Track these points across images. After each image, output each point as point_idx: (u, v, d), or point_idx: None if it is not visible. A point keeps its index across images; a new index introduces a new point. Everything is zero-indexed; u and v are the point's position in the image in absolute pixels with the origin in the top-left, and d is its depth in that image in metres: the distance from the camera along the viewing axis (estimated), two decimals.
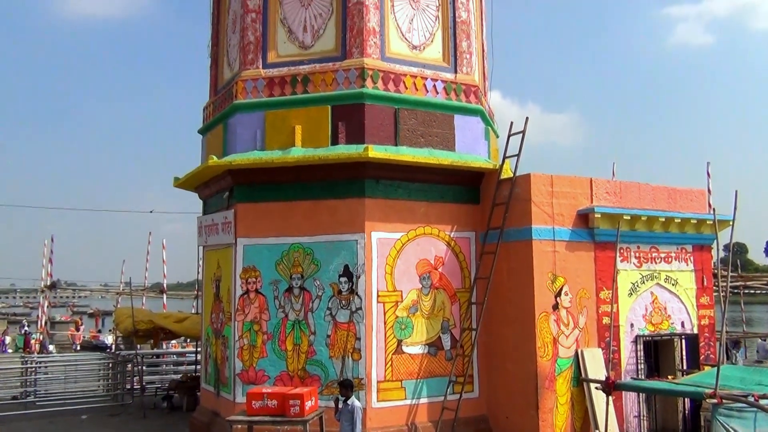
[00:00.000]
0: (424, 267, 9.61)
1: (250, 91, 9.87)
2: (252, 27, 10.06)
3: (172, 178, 11.56)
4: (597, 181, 9.99)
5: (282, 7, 10.13)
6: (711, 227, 10.56)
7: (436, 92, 9.92)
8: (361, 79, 9.39)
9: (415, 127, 9.68)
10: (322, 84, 9.57)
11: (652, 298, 10.29)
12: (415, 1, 10.18)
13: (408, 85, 9.73)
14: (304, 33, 9.98)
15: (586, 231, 9.69)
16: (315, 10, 9.97)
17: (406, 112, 9.64)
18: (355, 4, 9.60)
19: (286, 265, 9.45)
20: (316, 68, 9.68)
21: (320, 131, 9.45)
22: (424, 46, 10.18)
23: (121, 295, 25.51)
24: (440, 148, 9.79)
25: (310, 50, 9.92)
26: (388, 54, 9.78)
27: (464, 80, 10.20)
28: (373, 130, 9.39)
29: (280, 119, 9.65)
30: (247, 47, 10.04)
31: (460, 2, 10.42)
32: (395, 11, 9.99)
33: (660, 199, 10.54)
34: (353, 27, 9.59)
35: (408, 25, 10.08)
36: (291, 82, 9.71)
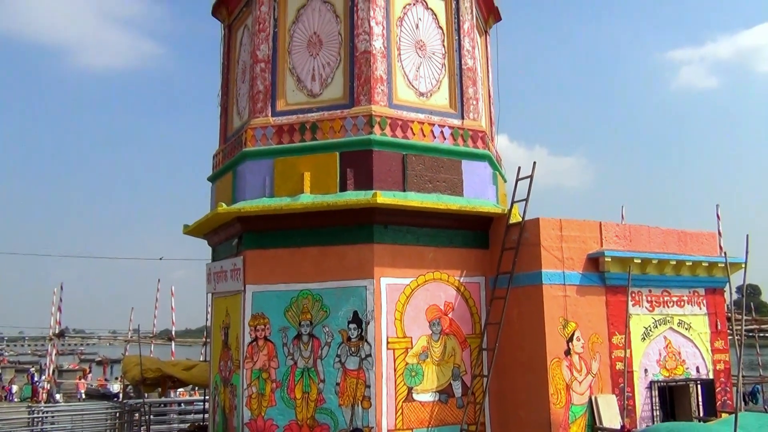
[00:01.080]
0: (434, 313, 9.54)
1: (259, 138, 9.98)
2: (261, 76, 10.23)
3: (182, 226, 11.62)
4: (606, 225, 9.96)
5: (291, 56, 10.32)
6: (723, 270, 10.47)
7: (443, 138, 10.01)
8: (369, 125, 9.49)
9: (422, 172, 9.73)
10: (331, 131, 9.68)
11: (666, 343, 10.15)
12: (421, 49, 10.35)
13: (415, 131, 9.82)
14: (312, 81, 10.14)
15: (597, 275, 9.62)
16: (323, 59, 10.15)
17: (414, 158, 9.70)
18: (363, 53, 9.76)
19: (294, 312, 9.41)
20: (324, 116, 9.80)
21: (329, 178, 9.51)
22: (431, 93, 10.31)
23: (129, 343, 25.44)
24: (448, 193, 9.82)
25: (319, 98, 10.06)
26: (395, 101, 9.90)
27: (471, 126, 10.29)
28: (381, 176, 9.44)
29: (289, 166, 9.73)
30: (257, 96, 10.19)
31: (465, 50, 10.58)
32: (402, 59, 10.16)
33: (670, 242, 10.49)
34: (361, 75, 9.74)
35: (415, 72, 10.23)
36: (300, 130, 9.82)
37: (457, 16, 10.67)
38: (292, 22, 10.41)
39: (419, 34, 10.40)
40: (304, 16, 10.39)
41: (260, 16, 10.39)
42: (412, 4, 10.44)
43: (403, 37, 10.25)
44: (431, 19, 10.56)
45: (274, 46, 10.33)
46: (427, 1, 10.57)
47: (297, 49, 10.32)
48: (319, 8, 10.33)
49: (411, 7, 10.42)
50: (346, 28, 10.04)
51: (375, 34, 9.81)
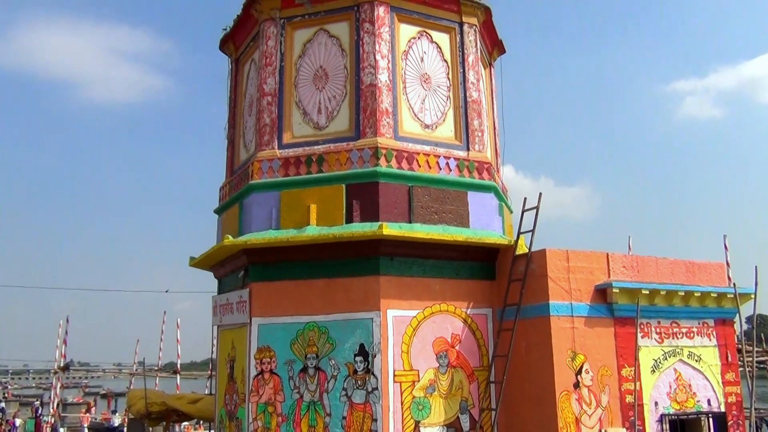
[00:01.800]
0: (441, 345, 9.47)
1: (265, 171, 10.03)
2: (268, 109, 10.32)
3: (188, 258, 11.63)
4: (613, 256, 9.92)
5: (297, 90, 10.42)
6: (732, 301, 10.39)
7: (449, 170, 10.04)
8: (374, 158, 9.54)
9: (428, 204, 9.75)
10: (337, 163, 9.72)
11: (676, 375, 10.03)
12: (426, 82, 10.45)
13: (421, 163, 9.86)
14: (318, 114, 10.22)
15: (605, 306, 9.56)
16: (329, 92, 10.25)
17: (420, 190, 9.72)
18: (369, 86, 9.85)
19: (301, 345, 9.35)
20: (330, 148, 9.86)
21: (335, 210, 9.53)
22: (437, 125, 10.37)
23: (134, 376, 25.28)
24: (454, 224, 9.82)
25: (325, 131, 10.13)
26: (401, 133, 9.96)
27: (477, 157, 10.33)
28: (387, 208, 9.46)
29: (295, 198, 9.76)
30: (263, 129, 10.27)
31: (470, 83, 10.67)
32: (407, 92, 10.25)
33: (678, 273, 10.42)
34: (366, 108, 9.82)
35: (420, 105, 10.31)
36: (306, 162, 9.87)
37: (462, 49, 10.78)
38: (299, 56, 10.54)
39: (424, 67, 10.51)
40: (310, 50, 10.52)
41: (267, 50, 10.52)
42: (416, 38, 10.57)
43: (409, 70, 10.36)
44: (436, 52, 10.67)
45: (281, 80, 10.45)
46: (432, 35, 10.70)
47: (303, 82, 10.43)
48: (325, 42, 10.47)
49: (416, 41, 10.54)
50: (352, 61, 10.16)
51: (380, 67, 9.92)
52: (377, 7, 10.15)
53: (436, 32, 10.75)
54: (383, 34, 10.10)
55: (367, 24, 10.10)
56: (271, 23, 10.62)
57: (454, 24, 10.88)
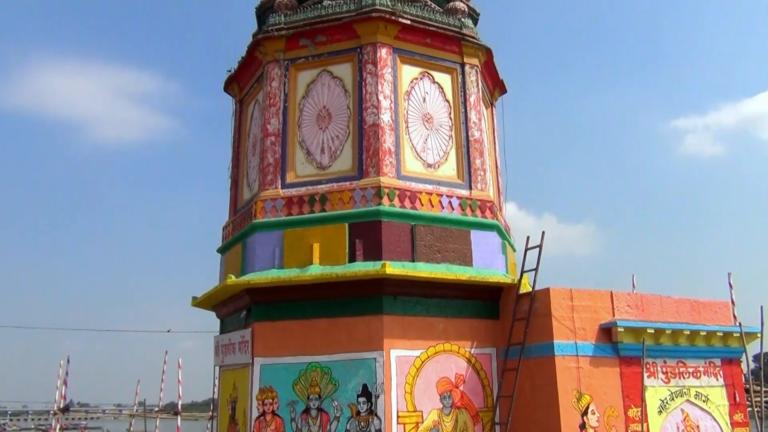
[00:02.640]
0: (445, 386, 9.36)
1: (269, 210, 10.07)
2: (271, 149, 10.40)
3: (190, 298, 11.60)
4: (618, 295, 9.87)
5: (300, 130, 10.53)
6: (738, 340, 10.29)
7: (451, 208, 10.07)
8: (377, 197, 9.58)
9: (431, 243, 9.75)
10: (340, 203, 9.76)
11: (683, 416, 9.88)
12: (428, 122, 10.55)
13: (424, 202, 9.89)
14: (321, 154, 10.30)
15: (610, 346, 9.47)
16: (332, 132, 10.34)
17: (423, 229, 9.73)
18: (371, 126, 9.95)
19: (303, 386, 9.26)
20: (333, 187, 9.91)
21: (338, 249, 9.53)
22: (439, 164, 10.44)
23: (134, 417, 24.96)
24: (457, 263, 9.80)
25: (328, 170, 10.20)
26: (403, 172, 10.03)
27: (479, 196, 10.37)
28: (390, 247, 9.46)
29: (298, 237, 9.77)
30: (267, 168, 10.34)
31: (472, 122, 10.77)
32: (410, 132, 10.34)
33: (683, 311, 10.35)
34: (369, 148, 9.89)
35: (423, 144, 10.39)
36: (309, 201, 9.91)
37: (464, 89, 10.91)
38: (302, 96, 10.67)
39: (426, 107, 10.62)
40: (313, 90, 10.65)
41: (271, 91, 10.66)
42: (419, 78, 10.71)
43: (411, 110, 10.47)
44: (438, 92, 10.80)
45: (285, 120, 10.56)
46: (434, 76, 10.84)
47: (306, 122, 10.54)
48: (328, 83, 10.61)
49: (418, 82, 10.68)
50: (355, 102, 10.28)
51: (383, 107, 10.03)
52: (380, 49, 10.32)
53: (438, 73, 10.90)
54: (386, 74, 10.24)
55: (370, 65, 10.25)
56: (275, 65, 10.78)
57: (456, 65, 11.04)
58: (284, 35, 10.75)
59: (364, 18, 10.37)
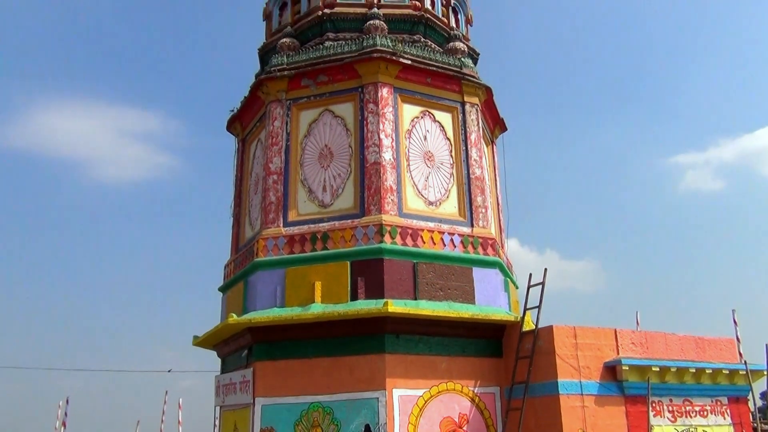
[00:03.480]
0: (448, 425, 9.24)
1: (270, 249, 10.07)
2: (273, 188, 10.45)
3: (191, 337, 11.52)
4: (622, 332, 9.80)
5: (302, 168, 10.59)
6: (744, 377, 10.18)
7: (453, 246, 10.06)
8: (379, 234, 9.58)
9: (433, 280, 9.72)
10: (341, 240, 9.77)
11: None
12: (430, 159, 10.61)
13: (425, 239, 9.90)
14: (323, 192, 10.34)
15: (615, 384, 9.37)
16: (334, 170, 10.40)
17: (425, 266, 9.72)
18: (373, 164, 10.01)
19: (305, 426, 9.13)
20: (335, 225, 9.93)
21: (340, 287, 9.50)
22: (440, 202, 10.47)
23: None
24: (460, 301, 9.76)
25: (330, 208, 10.23)
26: (405, 210, 10.05)
27: (481, 233, 10.37)
28: (392, 285, 9.43)
29: (300, 276, 9.75)
30: (269, 207, 10.37)
31: (473, 160, 10.83)
32: (411, 170, 10.40)
33: (688, 349, 10.26)
34: (371, 186, 9.94)
35: (424, 182, 10.44)
36: (311, 240, 9.92)
37: (464, 127, 11.01)
38: (304, 135, 10.76)
39: (427, 145, 10.70)
40: (315, 129, 10.75)
41: (273, 130, 10.75)
42: (420, 117, 10.81)
43: (412, 149, 10.54)
44: (439, 131, 10.89)
45: (287, 159, 10.63)
46: (435, 114, 10.95)
47: (308, 161, 10.61)
48: (330, 122, 10.71)
49: (419, 120, 10.78)
50: (357, 140, 10.36)
51: (384, 146, 10.11)
52: (381, 89, 10.44)
53: (439, 111, 11.01)
54: (387, 113, 10.34)
55: (371, 104, 10.36)
56: (277, 104, 10.90)
57: (456, 103, 11.15)
58: (286, 75, 10.89)
59: (365, 58, 10.51)
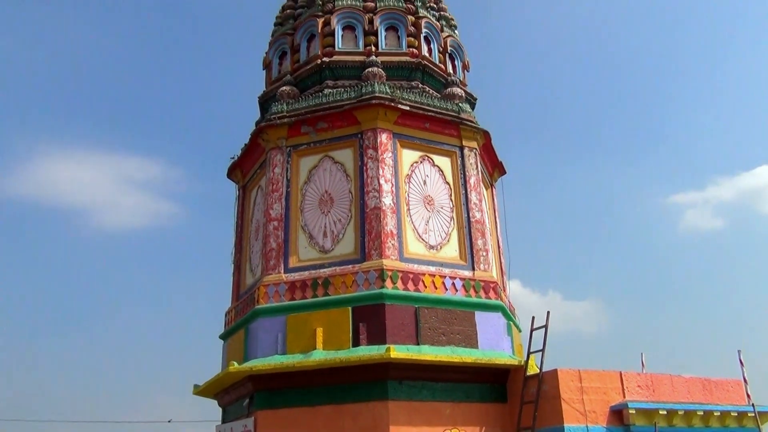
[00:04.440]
0: None
1: (271, 295, 10.04)
2: (274, 234, 10.47)
3: (192, 386, 11.39)
4: (627, 375, 9.68)
5: (303, 214, 10.62)
6: (753, 420, 10.02)
7: (455, 290, 10.03)
8: (380, 279, 9.56)
9: (436, 325, 9.66)
10: (343, 286, 9.74)
11: None
12: (430, 203, 10.66)
13: (427, 283, 9.87)
14: (324, 238, 10.36)
15: (622, 428, 9.20)
16: (334, 216, 10.44)
17: (427, 311, 9.67)
18: (373, 209, 10.05)
19: None
20: (336, 271, 9.91)
21: (341, 333, 9.43)
22: (441, 246, 10.47)
23: None
24: (462, 345, 9.67)
25: (330, 254, 10.23)
26: (406, 254, 10.05)
27: (482, 277, 10.34)
28: (394, 330, 9.37)
29: (302, 322, 9.69)
30: (270, 253, 10.37)
31: (473, 203, 10.88)
32: (411, 214, 10.43)
33: (695, 391, 10.13)
34: (372, 231, 9.96)
35: (424, 226, 10.46)
36: (312, 286, 9.89)
37: (463, 171, 11.08)
38: (305, 182, 10.83)
39: (427, 189, 10.76)
40: (315, 176, 10.82)
41: (274, 177, 10.82)
42: (419, 161, 10.90)
43: (412, 193, 10.60)
44: (438, 175, 10.96)
45: (287, 205, 10.68)
46: (434, 159, 11.04)
47: (309, 207, 10.65)
48: (330, 168, 10.79)
49: (418, 165, 10.86)
50: (357, 186, 10.42)
51: (384, 191, 10.16)
52: (380, 134, 10.55)
53: (438, 156, 11.11)
54: (386, 159, 10.43)
55: (371, 150, 10.45)
56: (277, 151, 11.00)
57: (455, 148, 11.25)
58: (286, 123, 11.02)
59: (364, 105, 10.66)
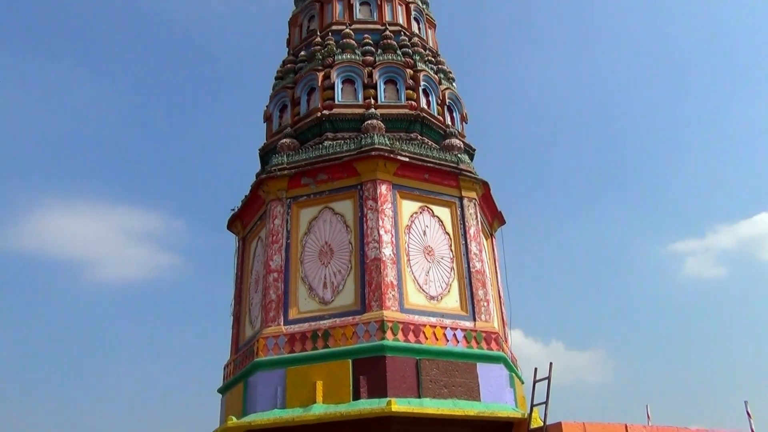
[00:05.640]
0: None
1: (271, 348, 9.93)
2: (274, 286, 10.43)
3: None
4: (633, 427, 9.49)
5: (303, 266, 10.60)
6: None
7: (456, 341, 9.93)
8: (381, 331, 9.47)
9: (437, 377, 9.53)
10: (343, 338, 9.65)
11: None
12: (430, 254, 10.64)
13: (428, 335, 9.78)
14: (324, 289, 10.31)
15: None
16: (334, 267, 10.41)
17: (428, 363, 9.55)
18: (373, 260, 10.03)
19: None
20: (336, 323, 9.83)
21: (342, 386, 9.29)
22: (442, 296, 10.42)
23: None
24: (465, 398, 9.52)
25: (330, 305, 10.16)
26: (406, 305, 9.98)
27: (484, 327, 10.26)
28: (395, 383, 9.23)
29: (301, 375, 9.56)
30: (269, 305, 10.31)
31: (473, 253, 10.86)
32: (411, 265, 10.41)
33: None
34: (372, 282, 9.92)
35: (425, 277, 10.42)
36: (312, 338, 9.80)
37: (463, 222, 11.10)
38: (305, 233, 10.84)
39: (427, 240, 10.76)
40: (315, 227, 10.84)
41: (274, 228, 10.84)
42: (418, 212, 10.93)
43: (412, 244, 10.60)
44: (438, 225, 10.98)
45: (287, 257, 10.67)
46: (434, 209, 11.07)
47: (309, 258, 10.64)
48: (330, 219, 10.82)
49: (418, 216, 10.89)
50: (357, 237, 10.43)
51: (384, 242, 10.16)
52: (380, 185, 10.61)
53: (438, 207, 11.15)
54: (386, 210, 10.46)
55: (371, 201, 10.50)
56: (277, 203, 11.05)
57: (454, 198, 11.30)
58: (287, 174, 11.10)
59: (364, 156, 10.75)
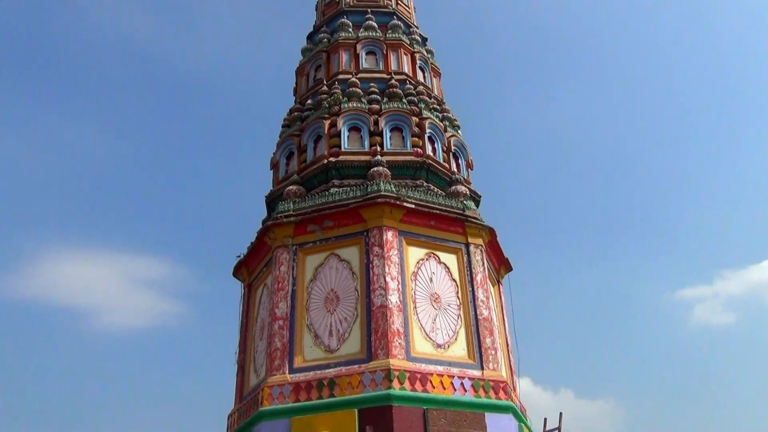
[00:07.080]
0: None
1: (276, 397, 9.79)
2: (279, 333, 10.33)
3: None
4: None
5: (308, 313, 10.52)
6: None
7: (464, 390, 9.77)
8: (387, 380, 9.33)
9: (445, 427, 9.33)
10: (348, 387, 9.50)
11: None
12: (436, 301, 10.56)
13: (435, 384, 9.62)
14: (329, 337, 10.20)
15: None
16: (340, 314, 10.33)
17: (435, 413, 9.37)
18: (379, 307, 9.95)
19: None
20: (342, 371, 9.70)
21: None
22: (449, 345, 10.29)
23: None
24: None
25: (336, 353, 10.04)
26: (413, 354, 9.85)
27: (492, 376, 10.10)
28: None
29: (306, 425, 9.38)
30: (274, 353, 10.20)
31: (480, 300, 10.77)
32: (418, 312, 10.31)
33: None
34: (378, 329, 9.82)
35: (431, 324, 10.32)
36: (317, 387, 9.66)
37: (470, 268, 11.04)
38: (310, 280, 10.79)
39: (434, 287, 10.69)
40: (321, 274, 10.79)
41: (279, 275, 10.80)
42: (425, 259, 10.88)
43: (418, 291, 10.52)
44: (444, 272, 10.92)
45: (293, 304, 10.59)
46: (440, 256, 11.03)
47: (315, 305, 10.56)
48: (335, 266, 10.77)
49: (424, 262, 10.84)
50: (363, 284, 10.37)
51: (390, 289, 10.09)
52: (386, 232, 10.59)
53: (444, 253, 11.10)
54: (392, 256, 10.42)
55: (377, 248, 10.47)
56: (283, 250, 11.03)
57: (461, 245, 11.26)
58: (293, 221, 11.11)
59: (370, 203, 10.77)
